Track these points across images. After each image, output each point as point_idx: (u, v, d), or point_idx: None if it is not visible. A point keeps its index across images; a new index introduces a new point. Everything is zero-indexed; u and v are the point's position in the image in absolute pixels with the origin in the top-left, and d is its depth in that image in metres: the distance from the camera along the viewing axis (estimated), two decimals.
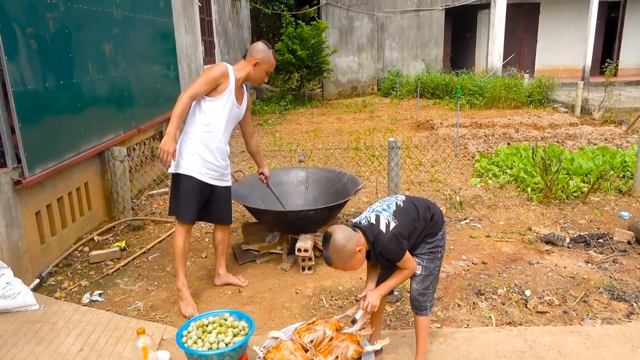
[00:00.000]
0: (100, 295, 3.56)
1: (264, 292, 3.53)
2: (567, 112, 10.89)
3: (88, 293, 3.56)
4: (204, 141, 3.19)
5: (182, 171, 3.19)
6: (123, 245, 4.35)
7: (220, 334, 2.47)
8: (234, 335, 2.48)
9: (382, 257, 2.36)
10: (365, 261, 2.44)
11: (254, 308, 3.32)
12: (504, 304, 3.27)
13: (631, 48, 17.12)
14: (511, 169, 6.00)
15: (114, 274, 3.90)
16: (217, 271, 3.64)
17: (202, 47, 8.88)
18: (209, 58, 9.40)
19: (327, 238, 2.28)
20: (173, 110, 3.03)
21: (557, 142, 7.61)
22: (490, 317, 3.12)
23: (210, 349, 2.37)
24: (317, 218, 3.81)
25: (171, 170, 3.21)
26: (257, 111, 12.30)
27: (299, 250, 3.68)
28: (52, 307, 3.27)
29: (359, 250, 2.29)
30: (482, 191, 5.56)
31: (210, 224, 4.93)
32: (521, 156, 6.27)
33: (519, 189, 5.51)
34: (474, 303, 3.29)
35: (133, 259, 4.14)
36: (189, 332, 2.50)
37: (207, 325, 2.54)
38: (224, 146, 3.32)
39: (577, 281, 3.51)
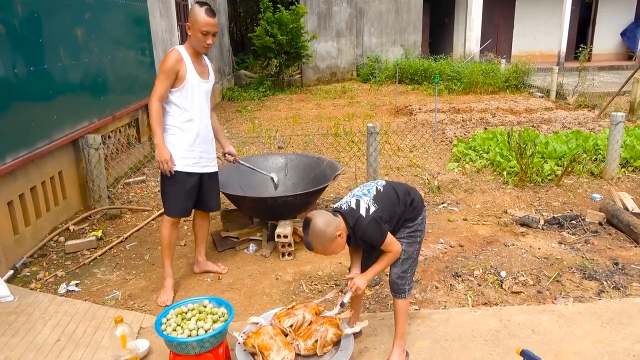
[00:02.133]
0: (77, 285, 3.51)
1: (243, 279, 3.53)
2: (542, 97, 11.06)
3: (64, 283, 3.51)
4: (184, 130, 3.14)
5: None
6: (99, 235, 4.29)
7: (200, 320, 2.47)
8: (214, 322, 2.48)
9: (363, 241, 2.38)
10: (347, 246, 2.45)
11: (234, 295, 3.32)
12: (480, 285, 3.34)
13: (604, 33, 17.42)
14: (488, 153, 6.08)
15: (91, 263, 3.86)
16: (196, 259, 3.62)
17: (178, 32, 8.72)
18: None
19: (307, 223, 2.28)
20: (150, 121, 3.06)
21: (533, 126, 7.73)
22: (470, 296, 3.18)
23: (190, 335, 2.37)
24: (296, 204, 3.82)
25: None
26: (236, 97, 12.19)
27: (279, 236, 3.69)
28: (27, 298, 3.22)
29: (339, 235, 2.30)
30: (459, 175, 5.63)
31: None
32: (497, 141, 6.36)
33: (495, 173, 5.60)
34: (451, 285, 3.35)
35: (110, 248, 4.09)
36: (167, 320, 2.49)
37: (186, 313, 2.53)
38: (206, 131, 3.26)
39: (551, 262, 3.60)
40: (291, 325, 2.44)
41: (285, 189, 4.40)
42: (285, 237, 3.68)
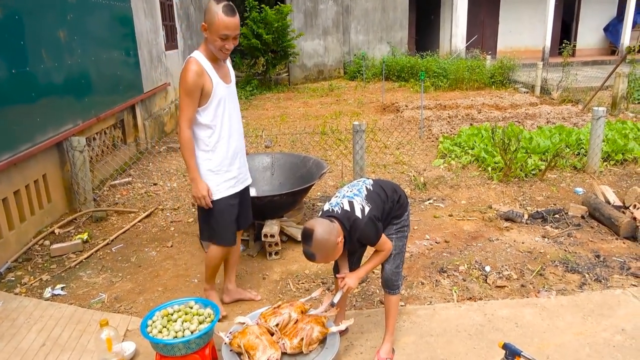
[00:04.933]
0: (62, 288, 3.49)
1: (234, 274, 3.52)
2: (527, 92, 11.16)
3: (50, 287, 3.49)
4: (219, 151, 2.77)
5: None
6: (85, 237, 4.27)
7: (186, 322, 2.47)
8: (200, 323, 2.48)
9: (359, 242, 2.40)
10: None
11: (221, 295, 3.32)
12: (465, 280, 3.38)
13: (588, 29, 17.62)
14: (473, 149, 6.14)
15: (77, 266, 3.83)
16: (225, 287, 3.19)
17: (163, 32, 8.66)
18: (171, 43, 9.18)
19: (308, 235, 2.21)
20: (182, 153, 2.71)
21: (518, 121, 7.81)
22: (455, 291, 3.22)
23: (176, 337, 2.37)
24: (282, 203, 3.83)
25: None
26: None
27: (265, 235, 3.69)
28: (11, 303, 3.20)
29: (340, 241, 2.29)
30: (445, 172, 5.68)
31: (175, 211, 4.89)
32: (482, 136, 6.41)
33: (480, 169, 5.65)
34: (436, 281, 3.39)
35: (96, 251, 4.07)
36: (153, 322, 2.49)
37: (172, 314, 2.53)
38: (240, 142, 2.92)
39: (534, 255, 3.65)
40: (277, 324, 2.45)
41: (272, 188, 4.41)
42: (272, 236, 3.69)
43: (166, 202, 5.13)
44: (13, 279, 3.67)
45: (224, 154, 2.78)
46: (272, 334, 2.40)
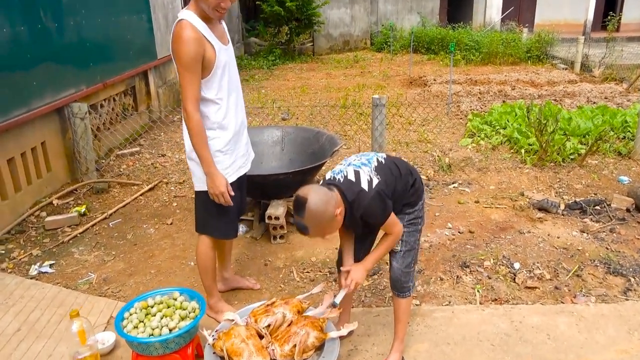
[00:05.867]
0: (51, 266, 3.25)
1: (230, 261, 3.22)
2: (566, 69, 10.43)
3: (37, 264, 3.25)
4: (229, 128, 2.37)
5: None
6: (83, 210, 4.02)
7: (166, 317, 2.17)
8: (182, 319, 2.19)
9: (362, 220, 2.02)
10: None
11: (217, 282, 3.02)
12: (490, 278, 2.99)
13: (635, 1, 16.41)
14: (505, 129, 5.64)
15: (70, 242, 3.59)
16: (220, 275, 2.85)
17: None
18: None
19: (300, 204, 1.86)
20: (193, 143, 2.24)
21: (555, 100, 7.22)
22: (478, 291, 2.84)
23: (152, 335, 2.08)
24: (289, 182, 3.47)
25: (198, 188, 2.43)
26: (244, 66, 11.75)
27: (269, 217, 3.37)
28: None
29: (339, 213, 1.92)
30: (473, 153, 5.22)
31: (180, 185, 4.60)
32: (516, 115, 5.90)
33: (512, 151, 5.17)
34: (457, 277, 3.01)
35: (92, 225, 3.81)
36: (130, 315, 2.21)
37: (152, 307, 2.24)
38: (244, 115, 2.54)
39: (571, 253, 3.23)
40: (269, 325, 2.13)
41: (281, 164, 4.06)
42: (277, 218, 3.36)
43: (172, 174, 4.84)
44: (3, 252, 3.46)
45: (232, 129, 2.38)
46: (261, 337, 2.08)
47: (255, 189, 3.51)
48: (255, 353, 1.95)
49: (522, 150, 4.98)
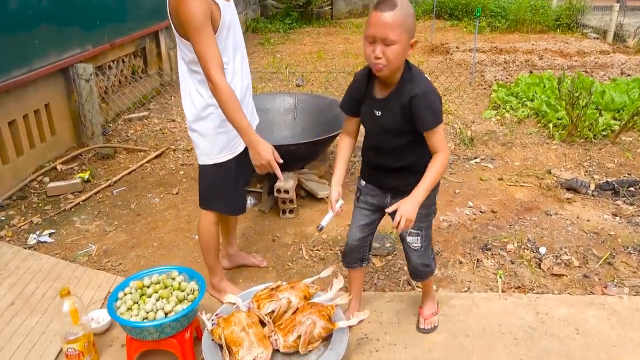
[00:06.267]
0: (50, 235, 3.12)
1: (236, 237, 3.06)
2: (597, 39, 9.87)
3: (37, 233, 3.12)
4: (236, 91, 2.09)
5: (215, 160, 2.18)
6: (86, 177, 3.87)
7: (162, 299, 2.02)
8: (179, 301, 2.03)
9: (411, 110, 1.68)
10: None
11: (220, 258, 2.86)
12: (513, 263, 2.78)
13: None
14: (532, 101, 5.31)
15: (72, 209, 3.45)
16: (225, 252, 2.70)
17: None
18: None
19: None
20: (226, 112, 1.95)
21: (586, 71, 6.80)
22: (500, 277, 2.64)
23: (146, 319, 1.93)
24: (300, 154, 3.27)
25: (202, 161, 2.20)
26: (260, 29, 11.38)
27: (279, 191, 3.17)
28: None
29: (415, 42, 1.68)
30: (497, 126, 4.92)
31: (188, 153, 4.42)
32: (544, 87, 5.54)
33: (539, 125, 4.86)
34: (477, 260, 2.81)
35: (95, 193, 3.67)
36: (125, 295, 2.05)
37: (147, 287, 2.08)
38: (249, 78, 2.29)
39: (602, 238, 2.99)
40: (272, 312, 1.96)
41: (293, 133, 3.85)
42: (287, 192, 3.17)
43: (180, 141, 4.65)
44: (3, 218, 3.34)
45: (238, 94, 2.10)
46: (264, 325, 1.92)
47: None
48: (257, 343, 1.78)
49: (550, 125, 4.68)
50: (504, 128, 4.83)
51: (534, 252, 2.86)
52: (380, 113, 1.79)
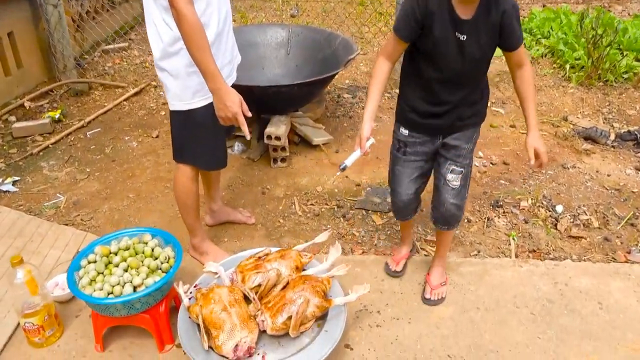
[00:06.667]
0: (14, 183, 2.81)
1: (220, 190, 2.75)
2: None
3: None
4: (212, 24, 1.77)
5: (189, 105, 1.84)
6: (57, 116, 3.50)
7: (131, 268, 1.74)
8: (151, 272, 1.75)
9: (499, 28, 1.53)
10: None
11: (202, 214, 2.57)
12: (527, 222, 2.52)
13: None
14: (547, 38, 4.86)
15: (40, 153, 3.12)
16: (208, 207, 2.43)
17: None
18: None
19: None
20: (190, 48, 1.60)
21: (603, 6, 6.28)
22: (514, 238, 2.39)
23: (112, 293, 1.66)
24: (294, 95, 2.91)
25: (173, 107, 1.87)
26: None
27: (269, 137, 2.84)
28: None
29: None
30: None
31: None
32: (561, 23, 5.07)
33: (554, 65, 4.46)
34: (488, 219, 2.55)
35: (67, 135, 3.33)
36: (89, 263, 1.77)
37: (115, 254, 1.80)
38: (228, 7, 1.89)
39: (624, 196, 2.72)
40: (259, 285, 1.70)
41: (286, 71, 3.45)
42: (278, 138, 2.83)
43: None
44: None
45: (215, 27, 1.77)
46: (249, 301, 1.66)
47: (252, 102, 2.94)
48: (240, 325, 1.53)
49: (567, 66, 4.28)
50: None
51: (549, 211, 2.59)
52: (465, 37, 1.53)
